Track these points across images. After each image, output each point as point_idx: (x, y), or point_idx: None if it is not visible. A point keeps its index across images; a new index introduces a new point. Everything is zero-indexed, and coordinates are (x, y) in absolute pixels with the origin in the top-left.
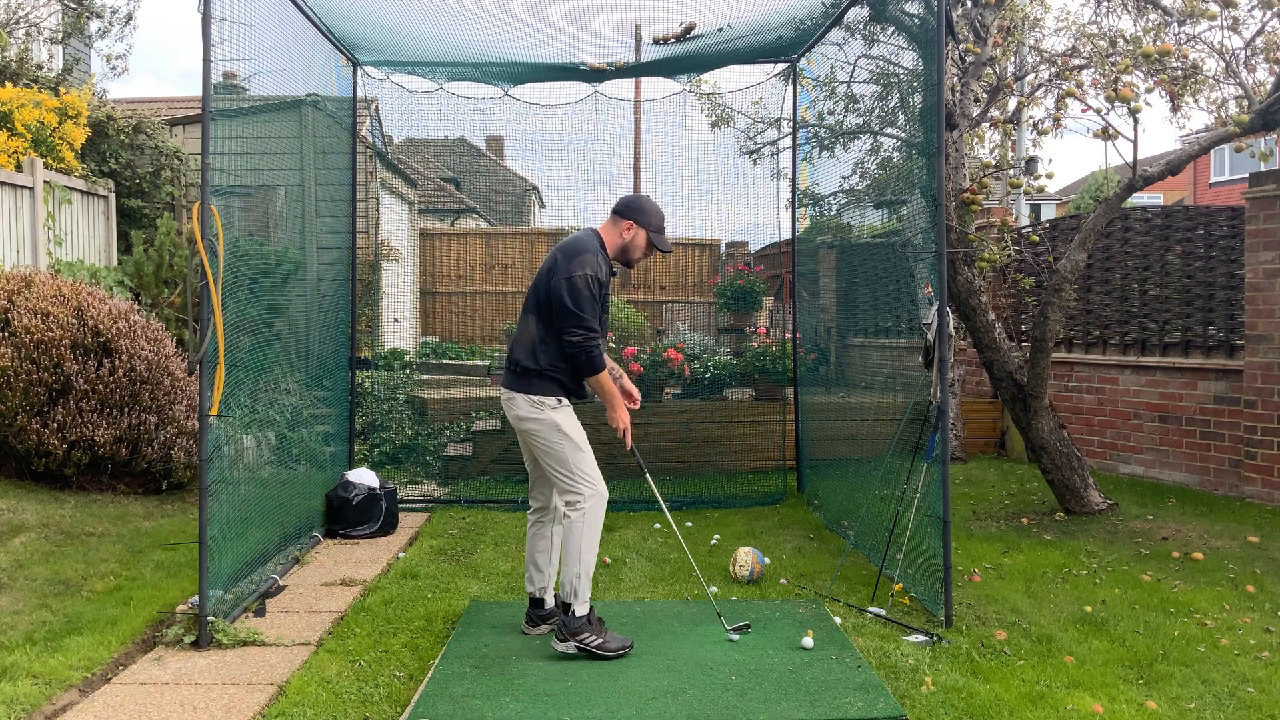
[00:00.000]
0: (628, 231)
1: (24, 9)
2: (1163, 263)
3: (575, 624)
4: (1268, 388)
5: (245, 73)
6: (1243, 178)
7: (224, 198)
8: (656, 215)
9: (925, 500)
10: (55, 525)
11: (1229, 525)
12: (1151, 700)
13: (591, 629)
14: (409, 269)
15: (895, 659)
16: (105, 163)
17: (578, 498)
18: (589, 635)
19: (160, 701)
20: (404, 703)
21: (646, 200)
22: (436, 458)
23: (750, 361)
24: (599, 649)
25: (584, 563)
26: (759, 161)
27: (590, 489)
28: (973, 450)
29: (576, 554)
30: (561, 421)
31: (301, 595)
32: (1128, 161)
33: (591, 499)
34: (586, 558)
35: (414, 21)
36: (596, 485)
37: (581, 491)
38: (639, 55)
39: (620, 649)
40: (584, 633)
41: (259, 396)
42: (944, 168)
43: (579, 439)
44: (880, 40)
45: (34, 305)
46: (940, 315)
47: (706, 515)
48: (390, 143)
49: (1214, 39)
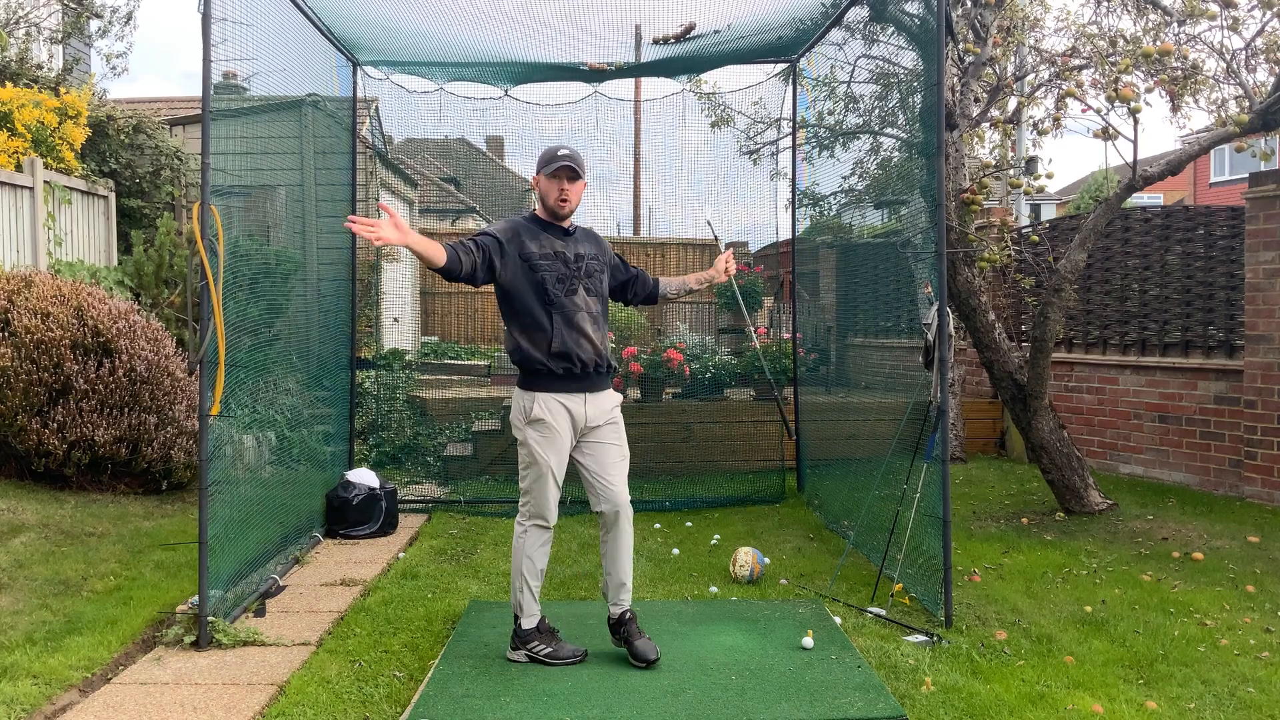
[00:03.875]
0: (535, 188)
1: (24, 9)
2: (1163, 263)
3: (524, 634)
4: (1268, 388)
5: (245, 73)
6: (1243, 178)
7: (224, 198)
8: (544, 154)
9: (925, 500)
10: (55, 525)
11: (1229, 525)
12: (1151, 700)
13: (540, 638)
14: (409, 269)
15: (895, 659)
16: (105, 163)
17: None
18: (537, 644)
19: (160, 701)
20: (404, 703)
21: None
22: (436, 458)
23: (750, 361)
24: (548, 658)
25: (524, 577)
26: (759, 161)
27: (542, 517)
28: (973, 450)
29: (515, 569)
30: (531, 436)
31: (301, 595)
32: (1128, 161)
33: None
34: (527, 575)
35: (414, 21)
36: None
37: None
38: (639, 55)
39: (571, 657)
40: (533, 641)
41: (259, 396)
42: (944, 168)
43: (546, 462)
44: (880, 40)
45: (34, 305)
46: (940, 315)
47: (706, 515)
48: (390, 143)
49: (1214, 39)
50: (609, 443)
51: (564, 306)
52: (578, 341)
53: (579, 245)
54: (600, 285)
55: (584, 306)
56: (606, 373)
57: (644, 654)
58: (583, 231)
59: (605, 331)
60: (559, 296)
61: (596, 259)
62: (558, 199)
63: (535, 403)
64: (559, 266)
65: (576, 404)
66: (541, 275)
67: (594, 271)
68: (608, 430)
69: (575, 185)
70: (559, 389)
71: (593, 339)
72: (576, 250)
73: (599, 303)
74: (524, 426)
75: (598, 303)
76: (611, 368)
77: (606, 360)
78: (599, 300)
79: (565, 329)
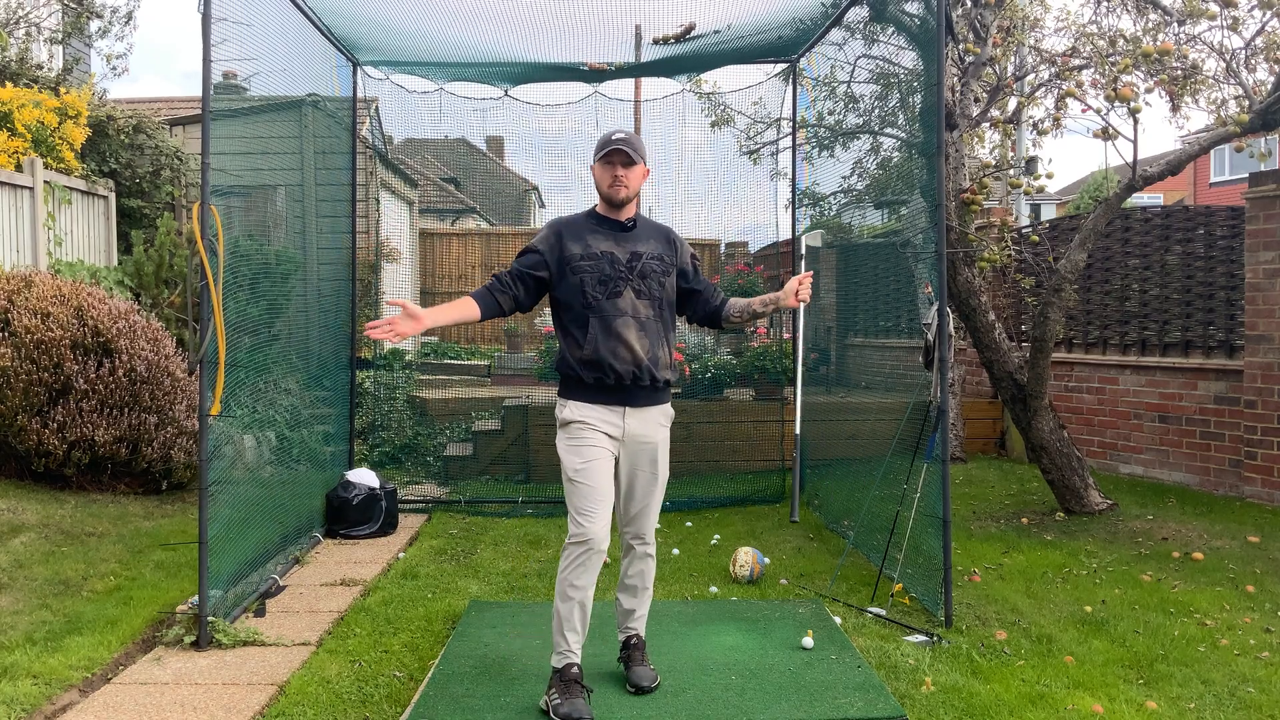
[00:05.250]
0: (593, 178)
1: (24, 9)
2: (1163, 263)
3: (551, 673)
4: (1268, 388)
5: (245, 73)
6: (1243, 178)
7: (224, 198)
8: (600, 141)
9: (925, 500)
10: (55, 525)
11: (1229, 525)
12: (1151, 700)
13: (557, 685)
14: (409, 269)
15: (895, 659)
16: (105, 163)
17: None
18: (551, 691)
19: (160, 701)
20: (404, 703)
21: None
22: (436, 458)
23: (750, 361)
24: (546, 707)
25: (555, 602)
26: (759, 161)
27: (573, 529)
28: (973, 450)
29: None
30: (561, 441)
31: (301, 595)
32: (1128, 161)
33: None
34: (558, 601)
35: (414, 21)
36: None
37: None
38: (639, 55)
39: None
40: (551, 687)
41: (259, 396)
42: (944, 168)
43: (571, 465)
44: (880, 40)
45: (34, 305)
46: (940, 315)
47: (706, 515)
48: (390, 143)
49: (1214, 39)
50: (640, 469)
51: (603, 310)
52: (614, 350)
53: (638, 243)
54: (659, 288)
55: (629, 310)
56: (653, 386)
57: (639, 680)
58: (650, 227)
59: (663, 339)
60: (598, 300)
61: (660, 259)
62: (611, 185)
63: (566, 408)
64: (602, 266)
65: (613, 416)
66: (581, 277)
67: (652, 272)
68: (642, 455)
69: (632, 171)
70: (590, 399)
71: (634, 347)
72: (634, 248)
73: (655, 307)
74: (558, 434)
75: (652, 307)
76: (665, 382)
77: (652, 372)
78: (655, 305)
79: (601, 335)
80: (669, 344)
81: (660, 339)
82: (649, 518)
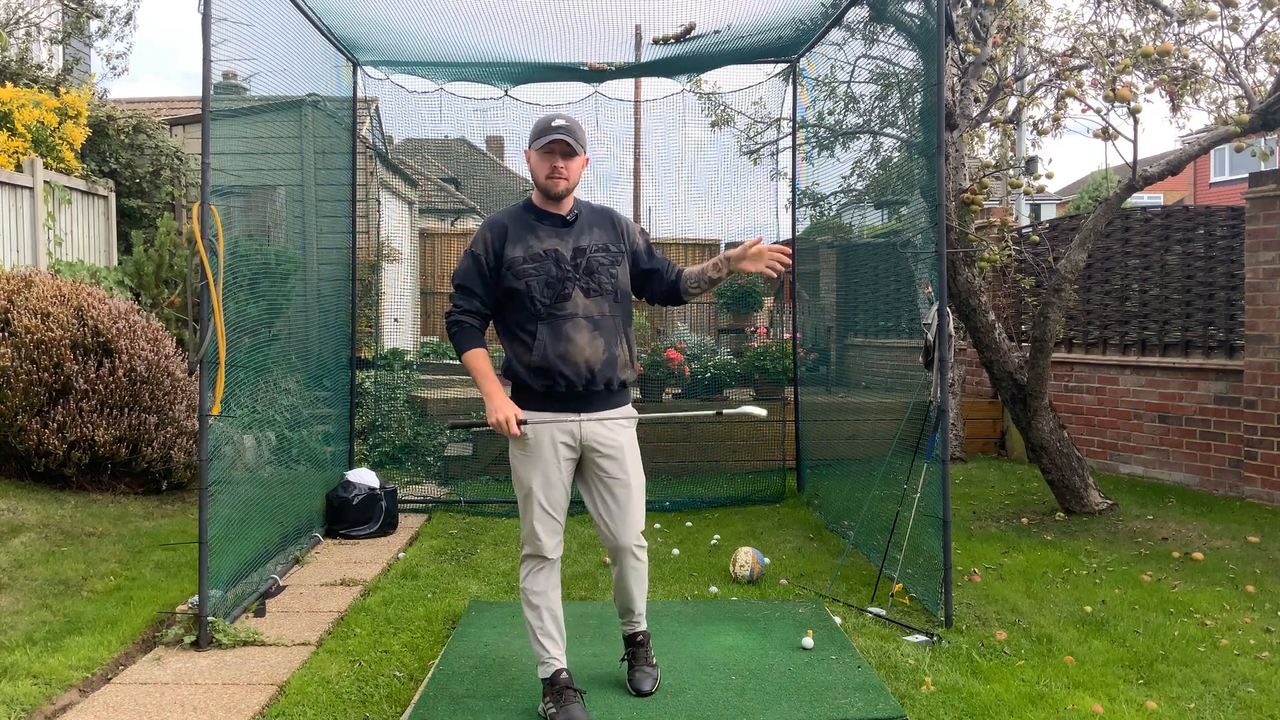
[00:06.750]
0: (527, 165)
1: (24, 9)
2: (1163, 263)
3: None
4: (1268, 388)
5: (245, 73)
6: (1243, 178)
7: (224, 198)
8: (537, 124)
9: (925, 500)
10: (55, 525)
11: (1229, 525)
12: (1151, 700)
13: (550, 694)
14: (409, 269)
15: (895, 659)
16: (105, 163)
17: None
18: (546, 700)
19: (160, 701)
20: (404, 703)
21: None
22: (436, 458)
23: (750, 361)
24: (544, 716)
25: (525, 616)
26: (759, 161)
27: (526, 546)
28: (973, 450)
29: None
30: (512, 453)
31: (301, 595)
32: (1128, 161)
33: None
34: (528, 615)
35: (414, 22)
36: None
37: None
38: (639, 55)
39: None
40: (545, 696)
41: (259, 396)
42: (944, 168)
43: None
44: (880, 40)
45: (34, 305)
46: (940, 315)
47: (706, 515)
48: (390, 143)
49: (1214, 39)
50: (611, 476)
51: (550, 314)
52: (563, 355)
53: (581, 235)
54: (610, 281)
55: (580, 311)
56: (608, 390)
57: (639, 684)
58: (591, 214)
59: (619, 336)
60: (545, 304)
61: (605, 249)
62: (549, 177)
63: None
64: (548, 268)
65: (568, 425)
66: (527, 281)
67: (599, 266)
68: (609, 461)
69: (572, 162)
70: (542, 408)
71: (585, 351)
72: (576, 243)
73: (607, 303)
74: (509, 444)
75: (604, 303)
76: (622, 383)
77: (607, 376)
78: (607, 300)
79: (550, 339)
80: (628, 340)
81: (617, 336)
82: (629, 524)
